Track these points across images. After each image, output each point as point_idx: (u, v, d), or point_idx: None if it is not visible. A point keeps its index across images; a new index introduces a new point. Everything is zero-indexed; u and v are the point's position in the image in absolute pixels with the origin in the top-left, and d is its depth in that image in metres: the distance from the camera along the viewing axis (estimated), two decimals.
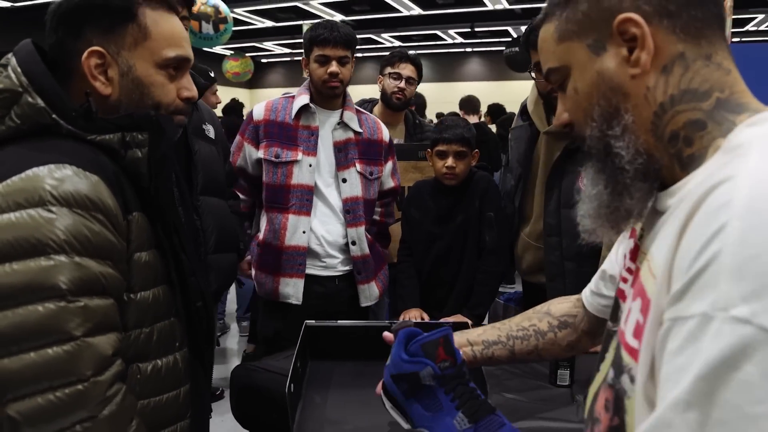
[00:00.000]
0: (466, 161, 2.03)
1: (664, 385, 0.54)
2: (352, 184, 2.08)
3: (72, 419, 0.79)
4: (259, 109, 2.09)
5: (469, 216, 2.06)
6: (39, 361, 0.78)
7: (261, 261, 2.08)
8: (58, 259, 0.80)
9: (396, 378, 0.98)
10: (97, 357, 0.81)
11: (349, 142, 2.09)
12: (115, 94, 0.96)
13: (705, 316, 0.51)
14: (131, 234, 0.93)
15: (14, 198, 0.80)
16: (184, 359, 1.06)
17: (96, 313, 0.83)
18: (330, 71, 1.98)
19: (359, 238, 2.10)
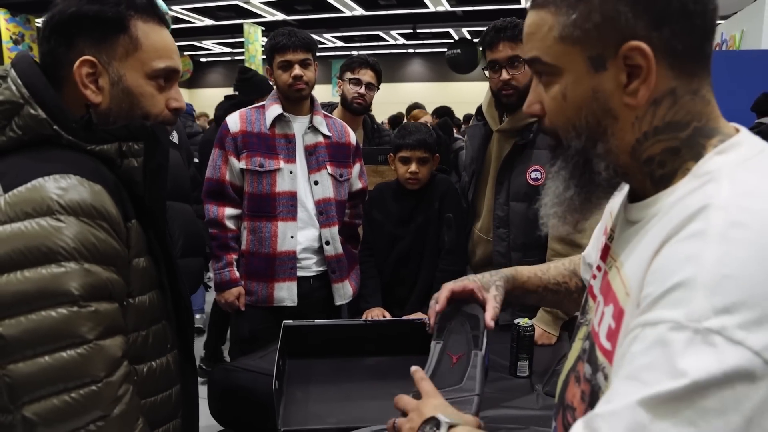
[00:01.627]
0: (429, 166, 2.12)
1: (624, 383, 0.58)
2: (324, 185, 2.17)
3: (86, 419, 0.83)
4: (233, 121, 2.12)
5: (429, 217, 2.15)
6: (54, 365, 0.81)
7: (250, 270, 2.13)
8: (68, 266, 0.83)
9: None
10: (108, 359, 0.85)
11: (319, 146, 2.17)
12: (105, 103, 0.98)
13: (677, 324, 0.54)
14: (131, 240, 0.96)
15: (22, 207, 0.83)
16: (175, 360, 1.10)
17: (106, 317, 0.86)
18: (294, 74, 2.06)
19: (333, 237, 2.19)
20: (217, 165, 2.10)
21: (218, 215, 2.08)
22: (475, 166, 2.17)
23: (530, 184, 1.96)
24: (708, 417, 0.52)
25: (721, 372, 0.52)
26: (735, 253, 0.55)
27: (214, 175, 2.10)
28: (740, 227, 0.56)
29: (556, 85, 0.72)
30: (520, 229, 2.00)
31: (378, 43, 14.20)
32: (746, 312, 0.52)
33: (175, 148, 1.86)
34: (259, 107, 2.16)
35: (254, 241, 2.11)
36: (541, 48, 0.72)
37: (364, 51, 14.76)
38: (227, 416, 1.57)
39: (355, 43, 14.01)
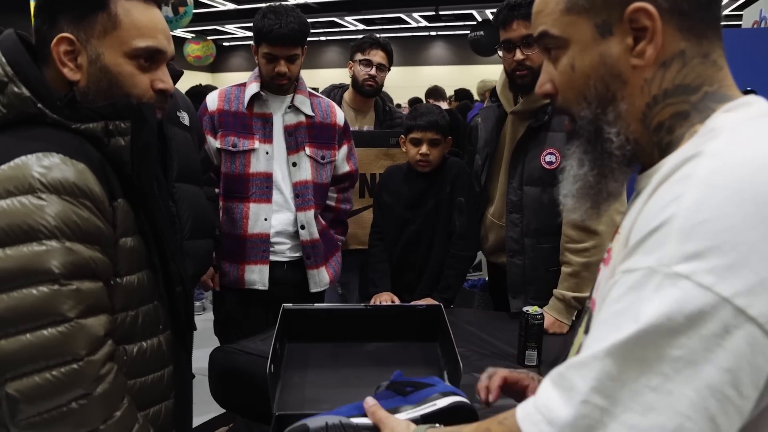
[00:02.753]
0: (440, 148, 2.07)
1: (598, 327, 0.57)
2: (303, 167, 2.10)
3: (68, 397, 0.82)
4: (212, 98, 2.07)
5: (440, 201, 2.10)
6: (35, 342, 0.80)
7: (223, 250, 2.08)
8: (49, 244, 0.82)
9: None
10: (90, 337, 0.84)
11: (300, 126, 2.10)
12: (84, 81, 0.96)
13: (650, 270, 0.54)
14: (117, 220, 0.95)
15: (4, 186, 0.82)
16: (167, 341, 1.09)
17: (88, 296, 0.85)
18: (277, 71, 1.98)
19: (308, 222, 2.12)
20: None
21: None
22: (488, 150, 2.11)
23: (544, 168, 1.90)
24: (677, 366, 0.51)
25: (683, 315, 0.51)
26: (713, 199, 0.54)
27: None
28: (724, 174, 0.55)
29: (564, 57, 0.72)
30: (533, 215, 1.95)
31: (400, 25, 14.05)
32: (718, 257, 0.51)
33: (186, 130, 1.83)
34: (241, 85, 2.09)
35: (227, 221, 2.06)
36: (549, 22, 0.73)
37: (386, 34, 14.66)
38: (227, 398, 1.56)
39: (376, 25, 13.89)
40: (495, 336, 1.87)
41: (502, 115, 2.07)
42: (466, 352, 1.75)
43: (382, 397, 0.96)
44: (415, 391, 0.97)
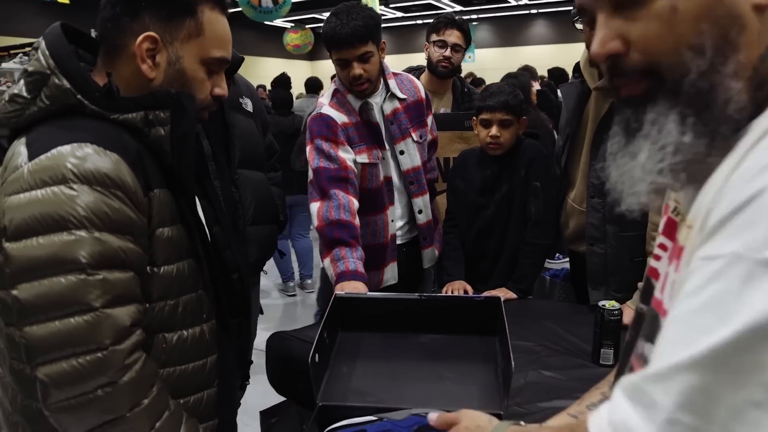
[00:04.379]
0: (512, 130, 1.95)
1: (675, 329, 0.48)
2: (411, 154, 2.02)
3: (93, 384, 0.84)
4: (334, 112, 1.90)
5: (514, 186, 1.98)
6: (63, 329, 0.83)
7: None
8: (78, 234, 0.84)
9: None
10: (115, 327, 0.85)
11: (398, 112, 2.01)
12: (159, 80, 0.99)
13: (735, 256, 0.45)
14: (152, 210, 0.95)
15: (40, 176, 0.85)
16: (211, 331, 1.08)
17: (115, 286, 0.86)
18: (352, 75, 1.84)
19: (425, 206, 2.07)
20: (330, 153, 1.84)
21: (349, 205, 1.81)
22: (569, 129, 1.96)
23: None
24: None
25: None
26: None
27: (332, 164, 1.83)
28: None
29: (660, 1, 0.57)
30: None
31: (499, 5, 13.62)
32: None
33: (249, 117, 1.84)
34: (335, 93, 1.94)
35: (367, 235, 1.95)
36: None
37: (484, 15, 14.28)
38: (283, 384, 1.56)
39: (474, 6, 13.55)
40: (571, 331, 1.74)
41: (585, 91, 1.90)
42: (536, 347, 1.65)
43: None
44: None
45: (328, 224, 1.78)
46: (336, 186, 1.82)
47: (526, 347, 1.65)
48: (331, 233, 1.77)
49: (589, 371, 1.50)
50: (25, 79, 0.92)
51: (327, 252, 1.78)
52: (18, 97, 0.92)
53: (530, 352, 1.63)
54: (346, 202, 1.81)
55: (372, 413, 1.09)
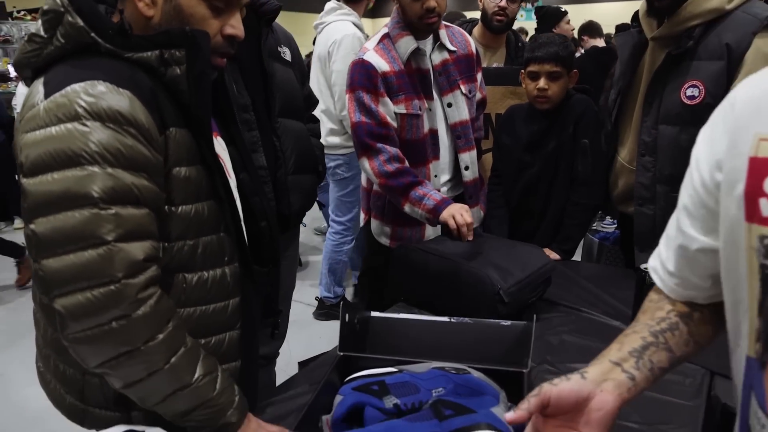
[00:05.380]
0: (561, 83, 1.86)
1: None
2: (459, 107, 1.94)
3: (108, 316, 0.85)
4: (377, 60, 1.81)
5: (561, 142, 1.90)
6: (77, 262, 0.84)
7: (400, 217, 1.93)
8: (91, 169, 0.85)
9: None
10: (128, 261, 0.86)
11: (447, 63, 1.92)
12: (157, 18, 0.97)
13: None
14: (169, 149, 0.95)
15: (54, 113, 0.86)
16: (233, 274, 1.09)
17: (128, 221, 0.86)
18: (426, 6, 1.73)
19: (472, 162, 1.99)
20: (371, 108, 1.80)
21: (398, 154, 1.80)
22: (622, 82, 1.84)
23: (684, 104, 1.61)
24: None
25: None
26: None
27: (372, 120, 1.79)
28: None
29: None
30: (668, 158, 1.68)
31: None
32: None
33: (288, 66, 1.82)
34: (382, 39, 1.85)
35: None
36: None
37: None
38: (405, 290, 1.66)
39: None
40: (614, 294, 1.68)
41: (641, 42, 1.78)
42: (575, 308, 1.60)
43: (419, 419, 0.91)
44: (453, 417, 0.90)
45: (390, 176, 1.79)
46: (379, 141, 1.81)
47: (565, 308, 1.61)
48: (399, 182, 1.79)
49: None
50: (42, 18, 0.92)
51: (404, 200, 1.80)
52: (36, 37, 0.92)
53: (568, 313, 1.58)
54: (395, 153, 1.81)
55: (392, 365, 1.09)
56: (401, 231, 1.99)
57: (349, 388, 1.01)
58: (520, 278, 1.48)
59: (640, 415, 1.10)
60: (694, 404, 1.15)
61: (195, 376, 0.94)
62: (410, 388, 0.99)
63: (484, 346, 1.25)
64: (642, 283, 1.42)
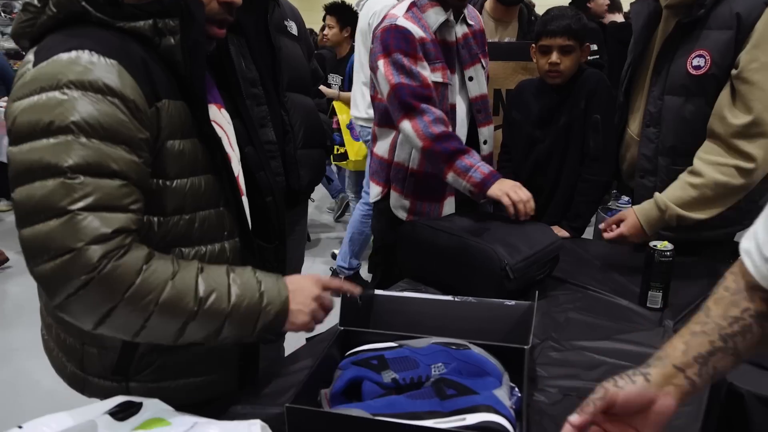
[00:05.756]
0: (573, 57, 1.81)
1: None
2: (479, 81, 1.92)
3: (75, 284, 0.83)
4: (410, 25, 1.75)
5: (573, 118, 1.86)
6: (43, 231, 0.83)
7: (421, 191, 1.92)
8: (64, 138, 0.83)
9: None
10: (90, 231, 0.83)
11: (468, 37, 1.90)
12: None
13: None
14: (161, 121, 0.93)
15: (39, 82, 0.85)
16: (233, 249, 1.08)
17: (96, 191, 0.84)
18: None
19: (490, 136, 1.98)
20: (412, 69, 1.72)
21: (443, 117, 1.73)
22: (636, 51, 1.79)
23: (690, 74, 1.57)
24: None
25: None
26: None
27: (413, 81, 1.72)
28: None
29: None
30: (671, 130, 1.64)
31: None
32: None
33: (294, 40, 1.80)
34: (410, 7, 1.79)
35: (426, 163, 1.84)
36: None
37: None
38: (414, 267, 1.65)
39: None
40: (623, 272, 1.66)
41: (656, 10, 1.72)
42: (582, 286, 1.58)
43: (420, 396, 0.91)
44: (455, 397, 0.89)
45: (436, 139, 1.69)
46: (423, 102, 1.71)
47: (572, 286, 1.59)
48: (445, 147, 1.69)
49: (634, 313, 1.43)
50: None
51: (448, 167, 1.69)
52: (30, 6, 0.92)
53: (575, 290, 1.57)
54: (440, 115, 1.72)
55: (392, 340, 1.08)
56: (420, 205, 1.95)
57: (349, 362, 1.01)
58: (527, 255, 1.46)
59: None
60: None
61: (197, 300, 0.90)
62: (409, 363, 0.98)
63: (487, 325, 1.24)
64: (651, 261, 1.41)
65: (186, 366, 1.09)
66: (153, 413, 0.88)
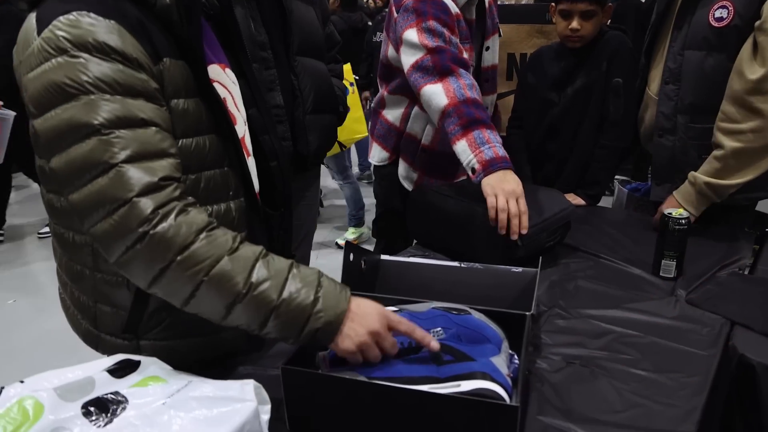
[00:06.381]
0: (595, 20, 1.75)
1: None
2: (494, 50, 1.88)
3: (132, 237, 0.84)
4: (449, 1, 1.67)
5: (592, 81, 1.80)
6: (93, 190, 0.84)
7: (431, 167, 1.88)
8: (86, 98, 0.84)
9: None
10: (137, 180, 0.84)
11: (491, 5, 1.85)
12: None
13: None
14: (164, 80, 0.93)
15: (46, 49, 0.85)
16: (239, 208, 1.08)
17: (133, 142, 0.85)
18: None
19: (491, 104, 1.95)
20: (451, 38, 1.63)
21: (479, 90, 1.64)
22: (659, 8, 1.72)
23: (712, 26, 1.51)
24: None
25: None
26: None
27: (453, 47, 1.62)
28: None
29: None
30: (690, 86, 1.59)
31: None
32: None
33: (308, 4, 1.76)
34: None
35: (444, 139, 1.70)
36: None
37: None
38: (423, 234, 1.66)
39: None
40: (637, 241, 1.62)
41: None
42: (594, 254, 1.55)
43: (417, 361, 0.90)
44: (452, 363, 0.88)
45: (464, 102, 1.53)
46: (462, 67, 1.59)
47: (584, 254, 1.56)
48: (471, 112, 1.52)
49: (646, 282, 1.40)
50: None
51: (463, 133, 1.52)
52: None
53: (587, 259, 1.54)
54: (476, 85, 1.60)
55: (393, 304, 1.07)
56: (428, 181, 1.90)
57: None
58: (536, 222, 1.43)
59: (650, 363, 1.07)
60: (709, 354, 1.11)
61: (247, 283, 0.87)
62: None
63: (494, 292, 1.22)
64: (665, 229, 1.37)
65: (194, 325, 1.09)
66: (151, 372, 0.89)
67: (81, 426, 0.76)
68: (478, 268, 1.26)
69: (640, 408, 0.95)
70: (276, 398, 0.90)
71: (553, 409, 0.95)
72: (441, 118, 1.57)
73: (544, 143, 1.91)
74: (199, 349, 1.11)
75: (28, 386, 0.81)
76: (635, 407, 0.95)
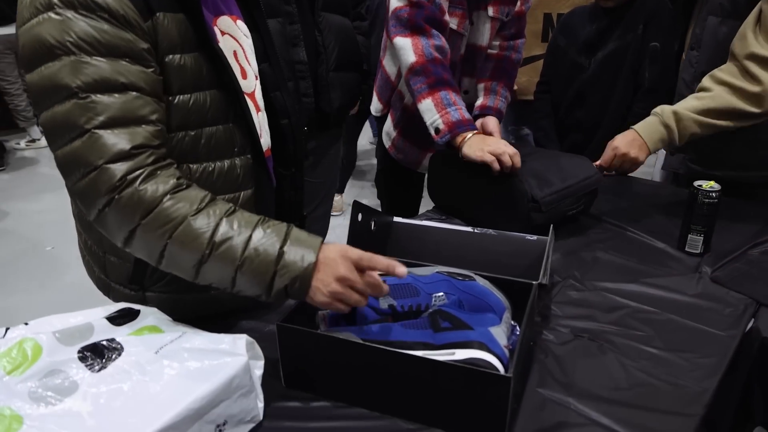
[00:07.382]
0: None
1: None
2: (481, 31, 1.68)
3: (101, 202, 0.85)
4: None
5: (626, 44, 1.70)
6: (70, 151, 0.85)
7: (407, 129, 1.79)
8: (66, 60, 0.83)
9: None
10: (108, 148, 0.84)
11: None
12: None
13: None
14: (158, 35, 0.90)
15: (34, 4, 0.84)
16: (244, 165, 1.06)
17: (109, 108, 0.84)
18: None
19: (471, 87, 1.77)
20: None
21: (449, 54, 1.58)
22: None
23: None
24: None
25: None
26: None
27: (435, 6, 1.55)
28: None
29: None
30: (706, 53, 1.51)
31: None
32: None
33: None
34: None
35: None
36: None
37: None
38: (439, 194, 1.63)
39: None
40: (665, 213, 1.56)
41: None
42: (617, 225, 1.49)
43: (414, 326, 0.88)
44: (449, 330, 0.85)
45: (432, 62, 1.50)
46: (435, 28, 1.54)
47: (607, 224, 1.51)
48: (438, 72, 1.50)
49: (670, 258, 1.34)
50: None
51: (429, 93, 1.49)
52: None
53: (609, 229, 1.48)
54: (447, 48, 1.55)
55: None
56: (402, 143, 1.81)
57: None
58: (558, 188, 1.38)
59: (663, 341, 1.03)
60: (728, 335, 1.06)
61: (210, 243, 0.85)
62: (410, 291, 0.95)
63: (506, 259, 1.19)
64: (693, 201, 1.30)
65: None
66: (149, 321, 0.90)
67: (76, 369, 0.79)
68: (491, 234, 1.22)
69: (646, 387, 0.91)
70: (274, 356, 0.90)
71: (554, 382, 0.92)
72: (408, 74, 1.54)
73: (573, 111, 1.83)
74: (204, 303, 1.11)
75: (31, 328, 0.83)
76: (641, 386, 0.91)
